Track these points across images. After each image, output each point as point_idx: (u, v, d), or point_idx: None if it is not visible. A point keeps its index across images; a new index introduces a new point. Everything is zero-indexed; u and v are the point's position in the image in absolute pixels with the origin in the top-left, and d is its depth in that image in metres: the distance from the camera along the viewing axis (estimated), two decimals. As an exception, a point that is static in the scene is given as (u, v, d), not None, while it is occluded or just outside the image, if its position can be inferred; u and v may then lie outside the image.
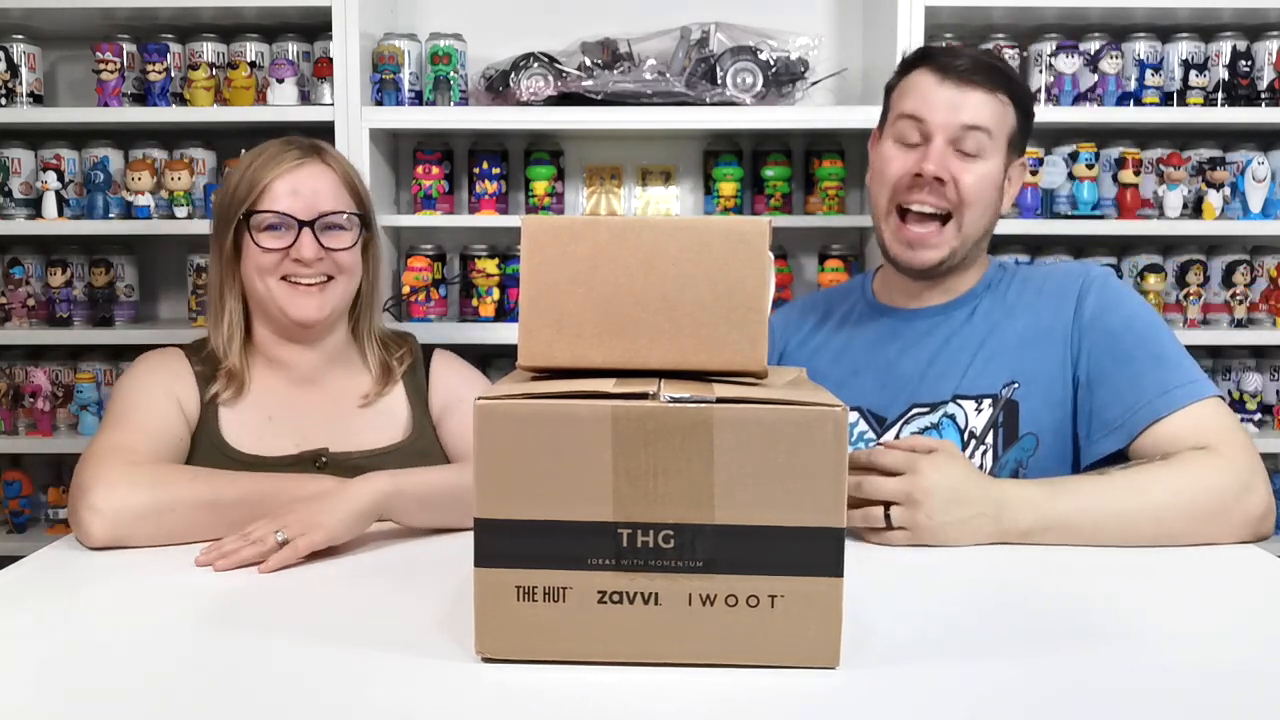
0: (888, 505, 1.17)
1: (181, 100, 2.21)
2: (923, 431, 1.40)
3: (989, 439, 1.37)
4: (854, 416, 1.44)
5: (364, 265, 1.45)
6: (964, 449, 1.37)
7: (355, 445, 1.41)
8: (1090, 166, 2.19)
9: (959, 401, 1.39)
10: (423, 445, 1.44)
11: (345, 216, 1.40)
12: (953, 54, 1.42)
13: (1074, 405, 1.36)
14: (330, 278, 1.39)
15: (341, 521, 1.14)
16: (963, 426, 1.38)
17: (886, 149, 1.43)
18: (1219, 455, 1.22)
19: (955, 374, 1.40)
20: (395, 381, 1.47)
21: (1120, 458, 1.30)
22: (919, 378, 1.42)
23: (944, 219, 1.39)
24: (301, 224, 1.36)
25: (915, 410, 1.41)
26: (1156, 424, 1.27)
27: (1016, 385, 1.37)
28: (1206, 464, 1.21)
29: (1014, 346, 1.39)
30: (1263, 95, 2.20)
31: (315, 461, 1.37)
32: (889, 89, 1.48)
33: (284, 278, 1.37)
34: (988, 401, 1.38)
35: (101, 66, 2.16)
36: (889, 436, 1.41)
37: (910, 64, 1.45)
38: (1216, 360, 2.35)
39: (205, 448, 1.36)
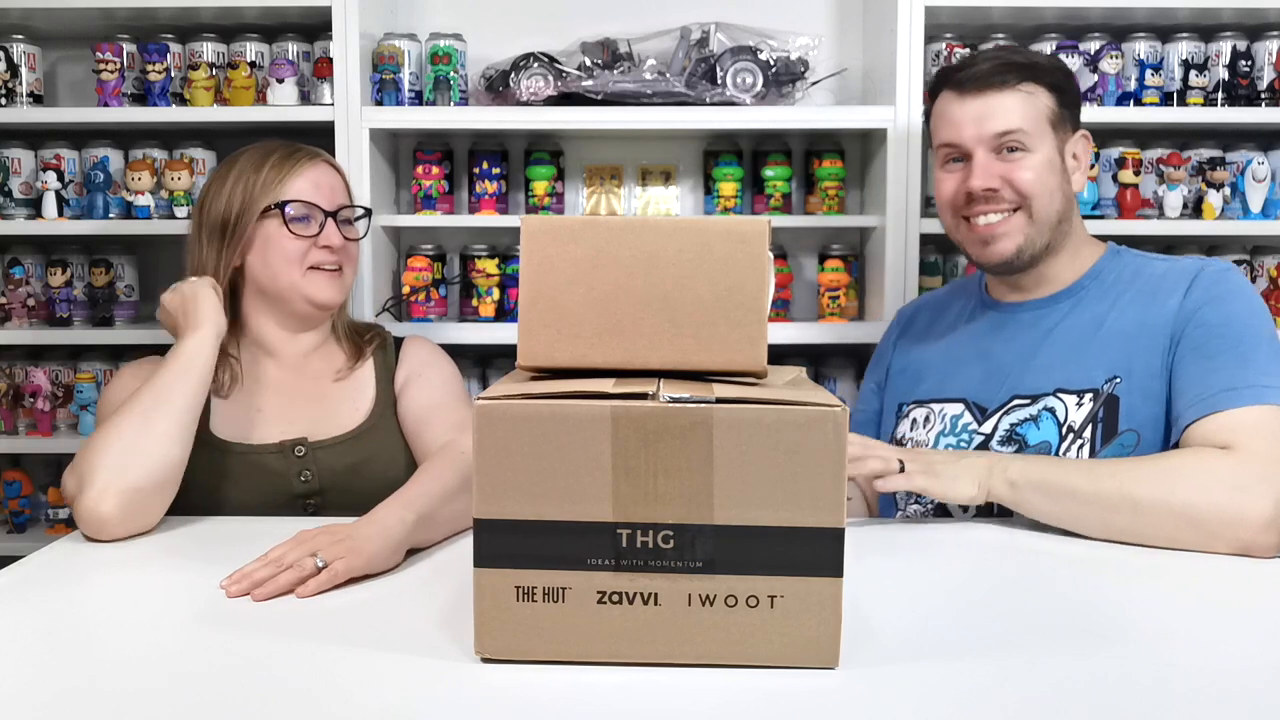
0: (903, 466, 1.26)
1: (181, 100, 2.21)
2: (1021, 424, 1.39)
3: (1086, 433, 1.35)
4: (959, 408, 1.45)
5: None
6: (1060, 443, 1.36)
7: (329, 430, 1.47)
8: (1090, 166, 2.18)
9: (1060, 395, 1.37)
10: (385, 424, 1.50)
11: (358, 210, 1.54)
12: (965, 65, 1.44)
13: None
14: (340, 267, 1.49)
15: (380, 551, 1.12)
16: (1061, 420, 1.36)
17: (939, 177, 1.48)
18: (1228, 456, 1.19)
19: (1057, 367, 1.40)
20: (366, 358, 1.54)
21: None
22: (1020, 370, 1.42)
23: (1012, 210, 1.41)
24: (327, 214, 1.47)
25: (1015, 401, 1.41)
26: (1204, 419, 1.24)
27: (1118, 380, 1.34)
28: (1207, 461, 1.19)
29: (1119, 340, 1.37)
30: (1263, 95, 2.20)
31: (294, 450, 1.43)
32: (925, 120, 1.52)
33: (311, 267, 1.46)
34: (1089, 396, 1.36)
35: (101, 66, 2.16)
36: (987, 426, 1.42)
37: (934, 91, 1.48)
38: (1216, 360, 2.35)
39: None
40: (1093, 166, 2.19)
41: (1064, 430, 1.36)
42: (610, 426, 0.81)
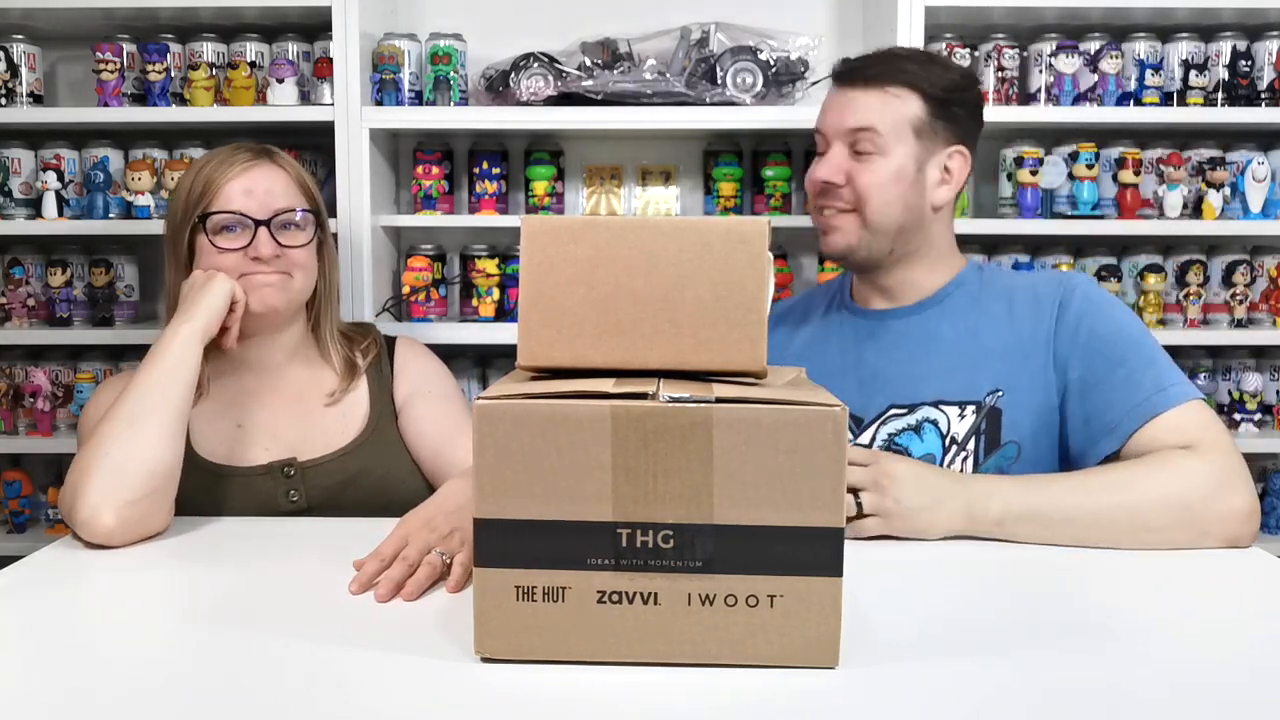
0: (856, 494, 1.18)
1: (181, 100, 2.21)
2: (900, 433, 1.39)
3: (970, 445, 1.37)
4: None
5: (320, 263, 1.47)
6: (944, 453, 1.37)
7: (320, 449, 1.43)
8: (1090, 166, 2.19)
9: (941, 407, 1.38)
10: (380, 436, 1.46)
11: (299, 214, 1.42)
12: (849, 60, 1.45)
13: (1061, 414, 1.35)
14: (288, 274, 1.41)
15: None
16: (944, 431, 1.37)
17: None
18: (1199, 456, 1.22)
19: (935, 376, 1.40)
20: (360, 376, 1.49)
21: (1115, 461, 1.30)
22: (896, 379, 1.42)
23: (847, 209, 1.42)
24: (258, 223, 1.38)
25: (893, 411, 1.41)
26: (1148, 424, 1.27)
27: (1000, 393, 1.37)
28: (1185, 463, 1.21)
29: (997, 353, 1.39)
30: (1263, 95, 2.20)
31: (283, 470, 1.39)
32: None
33: (243, 275, 1.38)
34: (971, 408, 1.37)
35: (101, 66, 2.16)
36: (864, 438, 1.41)
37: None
38: (1216, 360, 2.35)
39: None
40: (1092, 167, 2.19)
41: (947, 442, 1.37)
42: (610, 426, 0.81)
